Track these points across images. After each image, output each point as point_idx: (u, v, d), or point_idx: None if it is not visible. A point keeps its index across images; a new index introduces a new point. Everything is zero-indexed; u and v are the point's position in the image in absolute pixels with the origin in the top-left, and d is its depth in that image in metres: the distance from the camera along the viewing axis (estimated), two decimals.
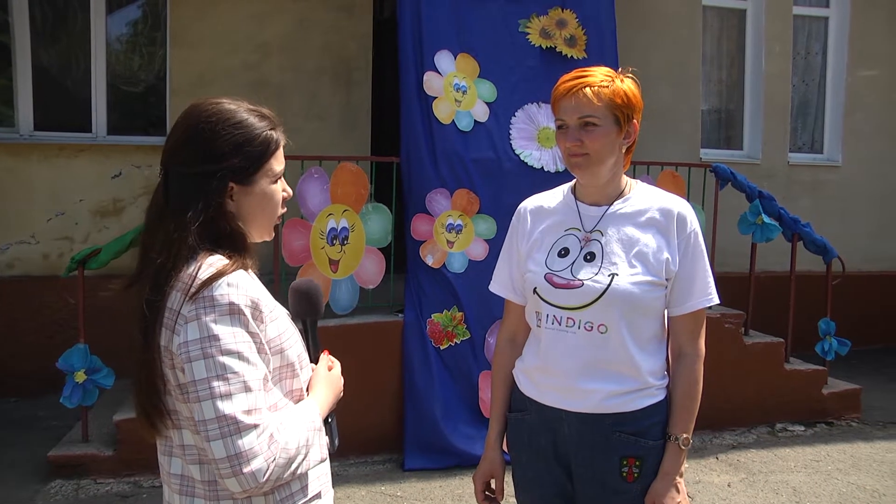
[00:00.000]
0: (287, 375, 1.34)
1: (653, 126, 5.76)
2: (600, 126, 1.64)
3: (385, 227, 4.12)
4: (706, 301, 1.69)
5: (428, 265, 4.11)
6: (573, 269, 1.68)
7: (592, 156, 1.66)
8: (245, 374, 1.20)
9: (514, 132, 4.33)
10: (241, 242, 1.31)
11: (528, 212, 1.82)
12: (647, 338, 1.69)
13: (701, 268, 1.69)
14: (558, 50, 4.43)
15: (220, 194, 1.28)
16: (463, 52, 4.30)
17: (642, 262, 1.66)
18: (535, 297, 1.72)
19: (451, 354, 4.09)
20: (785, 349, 4.79)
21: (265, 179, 1.34)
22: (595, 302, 1.64)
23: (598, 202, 1.74)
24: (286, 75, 5.42)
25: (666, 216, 1.69)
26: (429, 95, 4.16)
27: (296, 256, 3.88)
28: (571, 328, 1.67)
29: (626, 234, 1.69)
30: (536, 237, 1.77)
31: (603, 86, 1.64)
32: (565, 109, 1.67)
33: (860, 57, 6.59)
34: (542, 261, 1.73)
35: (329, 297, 3.98)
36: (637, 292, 1.63)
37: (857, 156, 6.62)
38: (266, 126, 1.34)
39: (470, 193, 4.20)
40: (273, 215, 1.38)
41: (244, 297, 1.23)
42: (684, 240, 1.68)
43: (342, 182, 3.99)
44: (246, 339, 1.22)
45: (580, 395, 1.67)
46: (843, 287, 5.10)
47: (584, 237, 1.71)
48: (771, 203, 4.78)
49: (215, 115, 1.30)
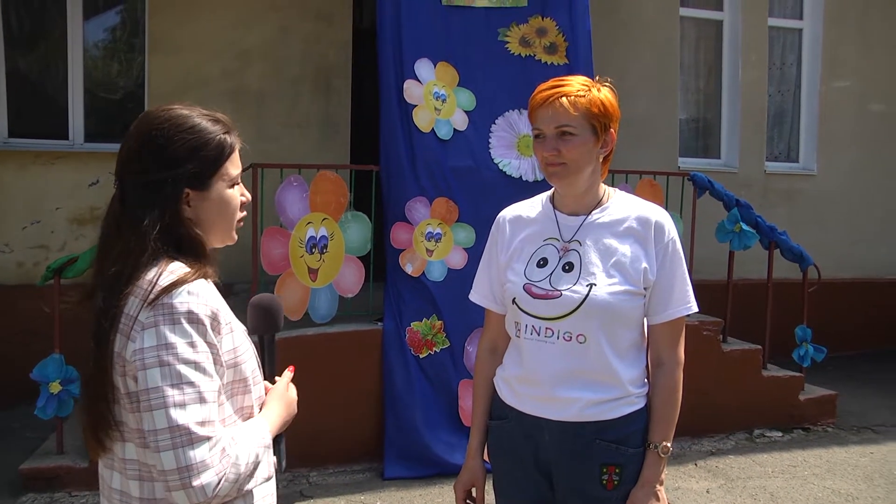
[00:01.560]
0: (239, 391, 1.32)
1: (631, 135, 5.81)
2: (577, 135, 1.65)
3: (364, 236, 4.11)
4: (685, 309, 1.70)
5: (407, 274, 4.11)
6: (552, 279, 1.69)
7: (570, 165, 1.66)
8: (201, 385, 1.18)
9: (494, 140, 4.34)
10: (200, 249, 1.30)
11: (508, 221, 1.82)
12: (625, 347, 1.69)
13: (679, 276, 1.70)
14: (538, 58, 4.46)
15: (176, 201, 1.27)
16: (443, 60, 4.31)
17: (620, 271, 1.67)
18: (515, 307, 1.72)
19: (430, 363, 4.08)
20: (762, 356, 4.84)
21: (221, 184, 1.33)
22: (573, 312, 1.65)
23: (576, 212, 1.75)
24: (266, 83, 5.41)
25: (644, 225, 1.70)
26: (408, 104, 4.17)
27: (275, 265, 3.87)
28: (550, 338, 1.68)
29: (604, 244, 1.69)
30: (516, 247, 1.77)
31: (580, 95, 1.65)
32: (542, 119, 1.67)
33: (833, 67, 6.72)
34: (522, 271, 1.73)
35: (308, 306, 3.97)
36: (615, 302, 1.64)
37: (831, 164, 6.74)
38: (220, 130, 1.33)
39: (449, 202, 4.21)
40: (232, 220, 1.37)
41: (204, 307, 1.22)
42: (662, 248, 1.69)
43: (321, 190, 3.98)
44: (204, 349, 1.20)
45: (560, 404, 1.68)
46: (818, 294, 5.17)
47: (563, 247, 1.72)
48: (748, 211, 4.84)
49: (168, 122, 1.28)
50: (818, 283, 5.08)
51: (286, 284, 3.88)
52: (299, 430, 1.48)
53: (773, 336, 4.97)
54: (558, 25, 4.54)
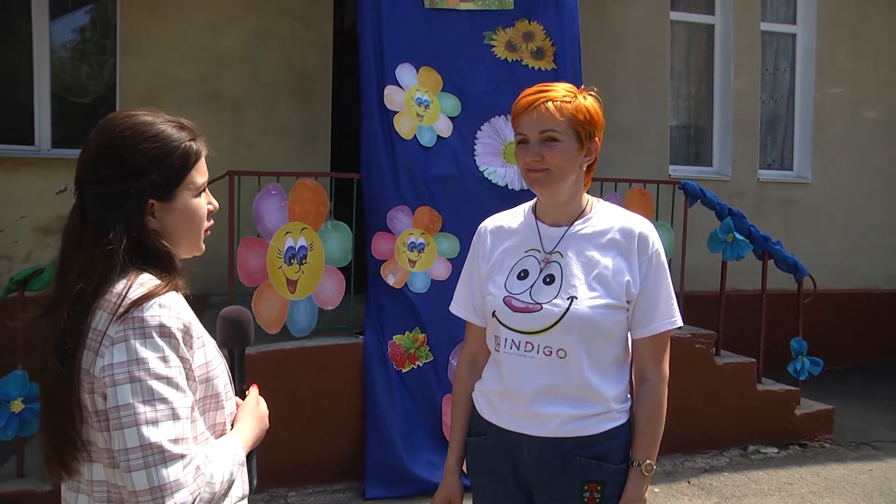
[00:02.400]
0: (211, 407, 1.32)
1: (620, 142, 5.89)
2: (562, 141, 1.68)
3: (345, 246, 4.13)
4: (669, 324, 1.73)
5: (389, 285, 4.14)
6: (532, 291, 1.71)
7: (553, 172, 1.69)
8: (174, 401, 1.18)
9: (479, 147, 4.39)
10: (168, 261, 1.30)
11: (489, 232, 1.85)
12: (608, 362, 1.71)
13: (664, 289, 1.73)
14: (524, 63, 4.50)
15: (141, 212, 1.27)
16: (426, 65, 4.34)
17: (602, 284, 1.69)
18: (495, 320, 1.75)
19: (413, 378, 4.10)
20: (757, 369, 4.89)
21: (187, 193, 1.32)
22: (554, 326, 1.67)
23: (558, 222, 1.77)
24: (243, 88, 5.43)
25: (627, 237, 1.72)
26: (390, 110, 4.20)
27: (252, 277, 3.87)
28: (530, 353, 1.69)
29: (586, 256, 1.72)
30: (497, 258, 1.80)
31: (566, 101, 1.68)
32: (526, 123, 1.70)
33: (827, 73, 6.84)
34: (502, 283, 1.75)
35: (286, 319, 3.97)
36: (597, 316, 1.66)
37: (826, 172, 6.85)
38: (185, 137, 1.32)
39: (432, 211, 4.24)
40: (199, 230, 1.37)
41: (176, 320, 1.22)
42: (646, 261, 1.71)
43: (300, 199, 4.00)
44: (176, 364, 1.20)
45: (539, 420, 1.70)
46: (814, 305, 5.23)
47: (544, 259, 1.74)
48: (741, 220, 4.90)
49: (130, 129, 1.28)
50: (814, 294, 5.15)
51: (264, 296, 3.89)
52: (277, 448, 1.48)
53: (767, 349, 5.03)
54: (545, 29, 4.59)
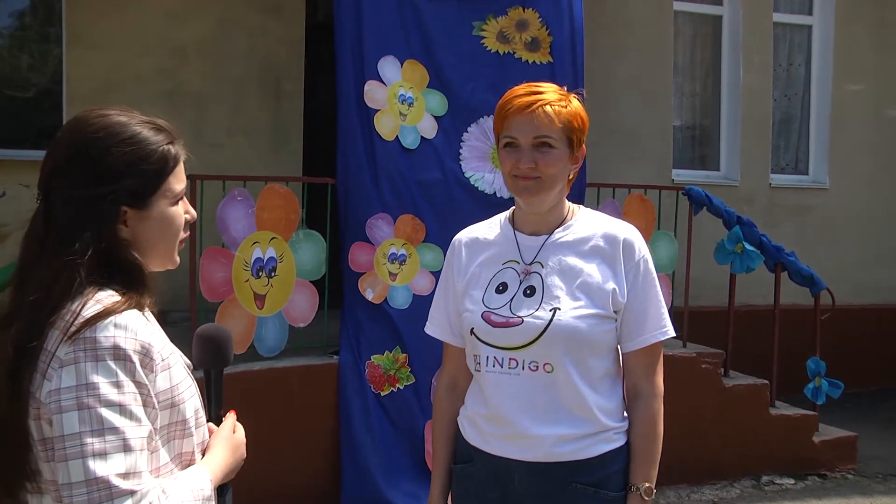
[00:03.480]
0: (177, 435, 1.33)
1: (618, 144, 5.96)
2: (556, 148, 1.74)
3: (318, 258, 4.19)
4: (661, 334, 1.79)
5: (367, 300, 4.20)
6: (512, 305, 1.77)
7: (544, 180, 1.75)
8: (126, 431, 1.18)
9: (466, 151, 4.46)
10: (137, 276, 1.31)
11: (463, 245, 1.91)
12: (598, 376, 1.76)
13: (653, 298, 1.79)
14: (517, 56, 4.56)
15: (112, 220, 1.28)
16: (411, 58, 4.40)
17: (586, 293, 1.74)
18: (473, 338, 1.80)
19: (393, 401, 4.16)
20: (770, 392, 4.97)
21: (164, 201, 1.34)
22: (537, 339, 1.72)
23: (537, 231, 1.83)
24: (206, 83, 5.48)
25: (611, 243, 1.79)
26: (370, 108, 4.25)
27: (216, 291, 3.92)
28: (515, 370, 1.74)
29: (567, 265, 1.78)
30: (473, 272, 1.85)
31: (561, 105, 1.74)
32: (519, 127, 1.74)
33: (846, 69, 6.97)
34: (480, 298, 1.81)
35: (254, 337, 4.02)
36: (582, 327, 1.72)
37: (845, 177, 6.98)
38: (163, 140, 1.34)
39: (415, 220, 4.31)
40: (175, 241, 1.39)
41: (133, 342, 1.22)
42: (633, 268, 1.77)
43: (270, 206, 4.05)
44: (131, 389, 1.20)
45: (529, 442, 1.74)
46: (833, 322, 5.32)
47: (524, 270, 1.80)
48: (751, 230, 4.98)
49: (104, 130, 1.29)
50: (832, 309, 5.24)
51: (228, 312, 3.93)
52: (245, 478, 1.53)
53: (781, 370, 5.11)
54: (541, 17, 4.62)
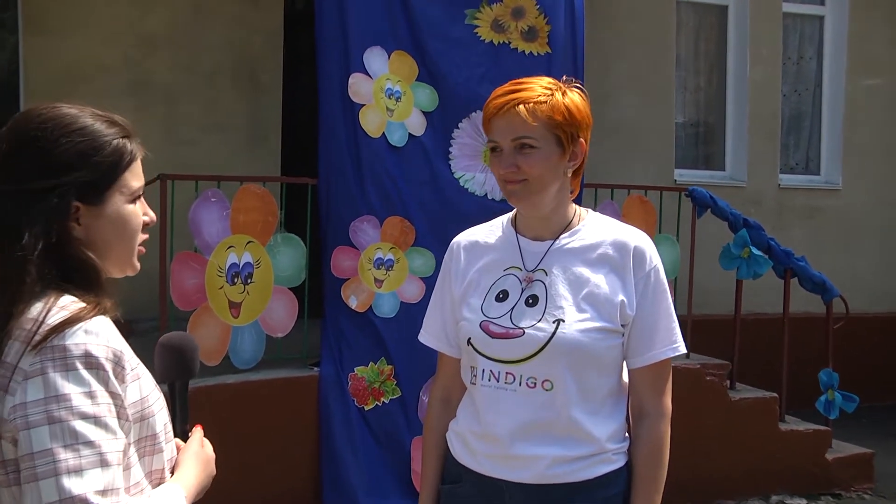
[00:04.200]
0: (148, 451, 1.32)
1: (618, 143, 6.00)
2: (538, 148, 1.74)
3: (298, 263, 4.21)
4: (671, 350, 1.79)
5: (351, 308, 4.22)
6: (513, 315, 1.77)
7: (531, 182, 1.75)
8: (103, 445, 1.17)
9: (455, 149, 4.48)
10: (94, 277, 1.30)
11: (462, 248, 1.92)
12: (601, 396, 1.77)
13: (664, 311, 1.79)
14: (513, 46, 4.57)
15: (63, 216, 1.28)
16: (398, 49, 4.41)
17: (593, 305, 1.75)
18: (470, 349, 1.81)
19: (377, 416, 4.19)
20: (779, 406, 5.02)
21: (119, 198, 1.35)
22: (538, 354, 1.73)
23: (541, 236, 1.84)
24: (177, 75, 5.50)
25: (621, 252, 1.79)
26: (355, 103, 4.26)
27: (187, 299, 3.93)
28: (511, 385, 1.75)
29: (573, 274, 1.78)
30: (472, 278, 1.86)
31: (540, 101, 1.73)
32: (497, 130, 1.76)
33: (861, 62, 7.05)
34: (478, 307, 1.81)
35: (229, 348, 4.04)
36: (587, 341, 1.72)
37: (859, 177, 7.05)
38: (117, 133, 1.35)
39: (403, 222, 4.34)
40: (132, 243, 1.39)
41: (104, 349, 1.22)
42: (643, 279, 1.78)
43: (246, 207, 4.07)
44: (106, 400, 1.20)
45: (522, 462, 1.75)
46: (846, 331, 5.38)
47: (526, 277, 1.80)
48: (759, 233, 5.03)
49: (52, 121, 1.30)
50: (845, 318, 5.29)
51: (202, 322, 3.95)
52: (219, 497, 1.53)
53: (791, 382, 5.15)
54: (539, 5, 4.63)
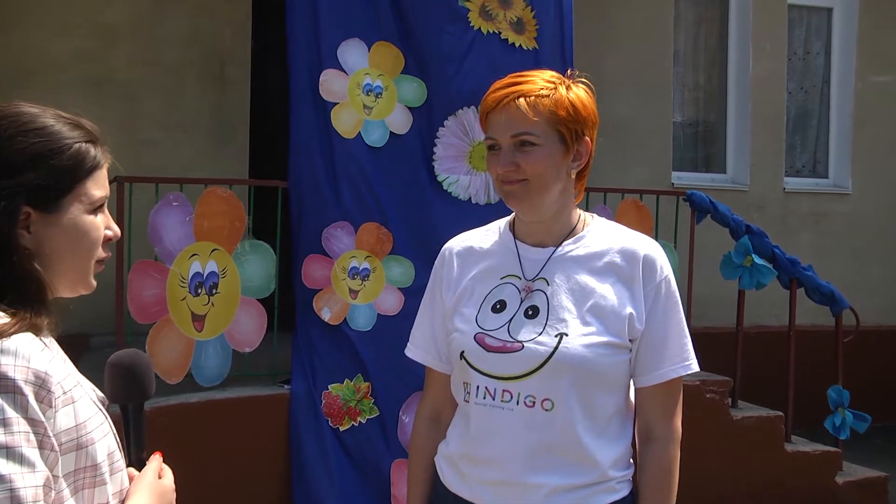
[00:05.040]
0: (87, 483, 1.30)
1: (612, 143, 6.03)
2: (540, 145, 1.74)
3: (267, 272, 4.23)
4: (682, 368, 1.79)
5: (324, 321, 4.24)
6: (511, 327, 1.77)
7: (532, 182, 1.75)
8: (15, 480, 1.15)
9: (440, 149, 4.50)
10: (36, 294, 1.28)
11: (455, 254, 1.92)
12: (606, 416, 1.77)
13: (675, 326, 1.80)
14: (503, 37, 4.54)
15: (11, 221, 1.26)
16: (382, 39, 4.40)
17: (599, 318, 1.75)
18: (463, 363, 1.80)
19: (353, 437, 4.20)
20: (785, 425, 5.07)
21: (78, 207, 1.33)
22: (539, 370, 1.72)
23: (542, 242, 1.84)
24: (137, 70, 5.52)
25: (629, 260, 1.79)
26: (327, 101, 4.29)
27: (146, 311, 3.93)
28: (508, 403, 1.74)
29: (578, 283, 1.78)
30: (465, 286, 1.86)
31: (542, 95, 1.73)
32: (496, 126, 1.77)
33: (872, 57, 7.16)
34: (473, 317, 1.81)
35: (192, 365, 4.04)
36: (592, 357, 1.72)
37: (870, 180, 7.15)
38: (80, 137, 1.34)
39: (380, 228, 4.36)
40: (90, 258, 1.37)
41: (24, 370, 1.20)
42: (653, 290, 1.78)
43: (210, 212, 4.08)
44: (23, 428, 1.17)
45: (519, 491, 1.74)
46: (857, 346, 5.45)
47: (525, 287, 1.80)
48: (762, 240, 5.08)
49: (8, 118, 1.30)
50: (856, 331, 5.34)
51: (162, 336, 3.95)
52: None
53: (798, 400, 5.20)
54: None
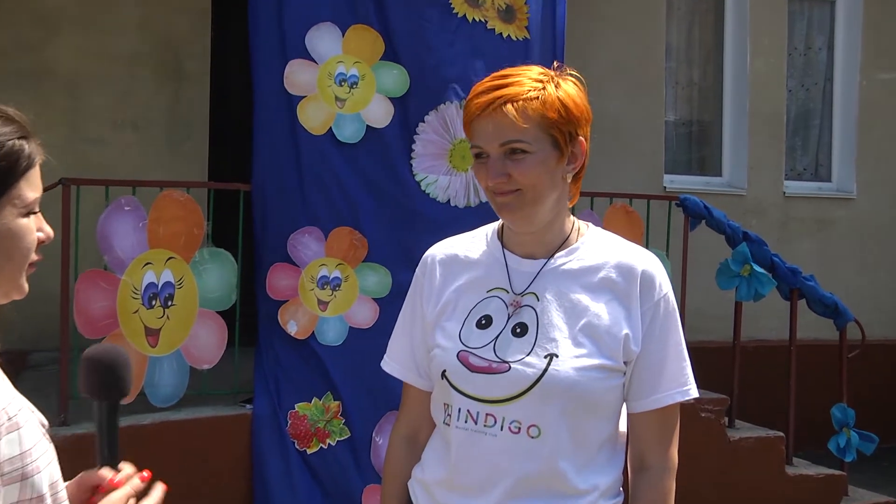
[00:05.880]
0: None
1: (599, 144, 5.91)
2: (532, 153, 1.72)
3: (228, 282, 4.23)
4: (680, 394, 1.78)
5: (290, 335, 4.24)
6: (497, 346, 1.77)
7: (526, 192, 1.73)
8: None
9: (419, 146, 4.48)
10: None
11: (438, 262, 1.90)
12: (596, 444, 1.77)
13: (673, 348, 1.79)
14: (490, 27, 4.54)
15: None
16: (358, 23, 4.37)
17: (592, 338, 1.74)
18: (445, 383, 1.79)
19: (322, 460, 4.20)
20: (786, 446, 5.12)
21: (10, 211, 1.32)
22: (526, 393, 1.71)
23: (533, 254, 1.83)
24: (84, 62, 5.49)
25: (626, 276, 1.78)
26: (293, 95, 4.28)
27: (95, 325, 3.92)
28: (491, 428, 1.74)
29: (570, 300, 1.77)
30: (448, 298, 1.85)
31: (530, 98, 1.71)
32: (482, 133, 1.74)
33: (877, 53, 7.24)
34: (456, 333, 1.81)
35: (145, 383, 4.01)
36: (585, 381, 1.71)
37: (875, 184, 7.22)
38: (12, 133, 1.33)
39: (353, 234, 4.36)
40: (21, 263, 1.36)
41: None
42: (651, 309, 1.77)
43: (166, 218, 4.08)
44: None
45: None
46: (863, 361, 5.50)
47: (514, 301, 1.80)
48: (761, 248, 5.13)
49: None
50: (861, 345, 5.41)
51: None
52: None
53: (800, 419, 5.26)
54: None
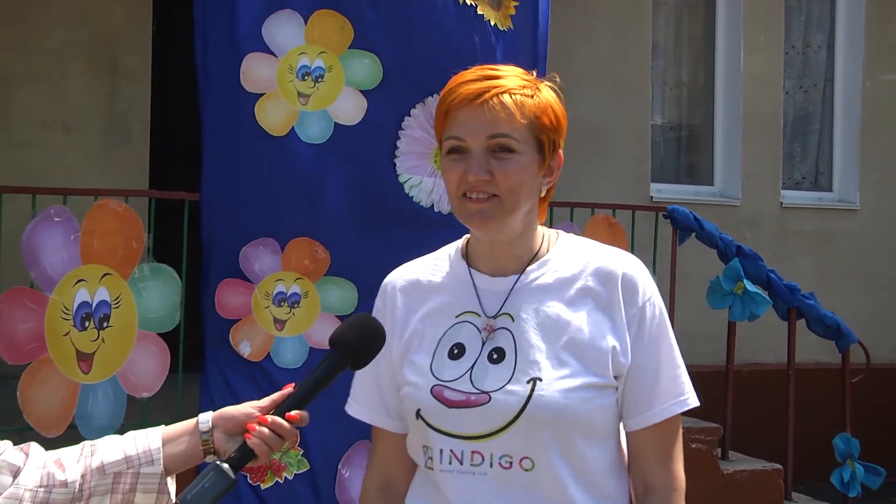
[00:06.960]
0: None
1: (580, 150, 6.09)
2: (519, 153, 1.72)
3: (170, 301, 4.22)
4: (677, 405, 1.79)
5: (243, 358, 4.24)
6: (473, 376, 1.77)
7: (505, 200, 1.72)
8: None
9: (404, 143, 4.44)
10: None
11: (399, 290, 1.90)
12: (598, 471, 1.78)
13: (665, 355, 1.79)
14: (480, 12, 4.51)
15: None
16: (323, 8, 4.33)
17: (576, 355, 1.75)
18: (420, 423, 1.79)
19: (279, 496, 4.20)
20: (784, 480, 5.17)
21: None
22: (511, 424, 1.71)
23: (503, 270, 1.83)
24: (11, 56, 5.49)
25: (605, 282, 1.79)
26: (249, 93, 4.25)
27: (19, 349, 3.89)
28: (479, 467, 1.74)
29: (548, 317, 1.78)
30: (414, 329, 1.85)
31: (526, 94, 1.73)
32: (467, 124, 1.73)
33: (881, 53, 7.36)
34: (426, 367, 1.81)
35: (75, 414, 3.98)
36: (573, 403, 1.71)
37: (880, 194, 7.32)
38: None
39: (314, 245, 4.35)
40: None
41: None
42: (636, 315, 1.78)
43: (101, 230, 4.06)
44: None
45: None
46: (867, 387, 5.57)
47: (487, 325, 1.80)
48: (756, 264, 5.18)
49: None
50: (866, 369, 5.47)
51: (40, 379, 3.90)
52: None
53: (799, 450, 5.31)
54: None
